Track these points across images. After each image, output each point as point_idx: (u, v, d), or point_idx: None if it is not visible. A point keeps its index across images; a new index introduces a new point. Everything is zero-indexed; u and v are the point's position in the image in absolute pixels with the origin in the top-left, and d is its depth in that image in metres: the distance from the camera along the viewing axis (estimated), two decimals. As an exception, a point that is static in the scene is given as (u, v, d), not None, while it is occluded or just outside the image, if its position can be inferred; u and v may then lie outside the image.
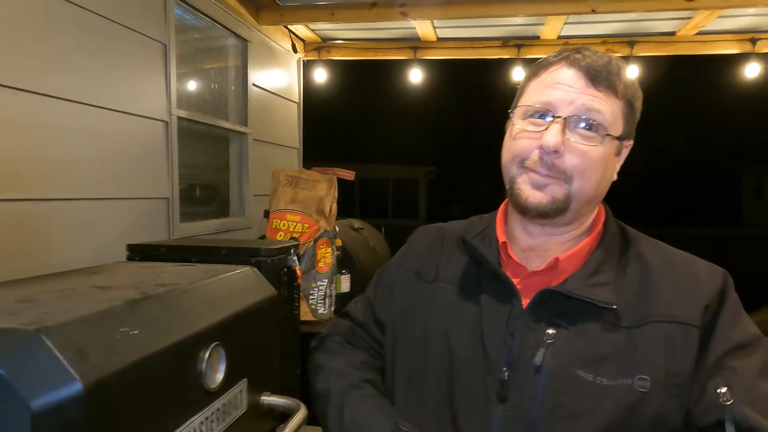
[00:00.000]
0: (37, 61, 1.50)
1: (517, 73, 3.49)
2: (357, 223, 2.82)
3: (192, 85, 2.53)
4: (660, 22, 3.12)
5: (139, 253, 1.53)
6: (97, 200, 1.75)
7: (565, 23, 3.11)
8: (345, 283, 2.27)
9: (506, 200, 0.86)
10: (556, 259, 0.76)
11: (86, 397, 0.58)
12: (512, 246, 0.81)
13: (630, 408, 0.68)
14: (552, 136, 0.72)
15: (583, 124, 0.73)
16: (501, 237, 0.82)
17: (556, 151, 0.72)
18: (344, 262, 2.29)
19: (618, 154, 0.78)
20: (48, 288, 0.88)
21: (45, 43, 1.53)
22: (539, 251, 0.79)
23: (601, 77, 0.73)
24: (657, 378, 0.69)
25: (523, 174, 0.76)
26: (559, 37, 3.36)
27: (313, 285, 2.05)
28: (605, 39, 3.35)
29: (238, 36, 2.78)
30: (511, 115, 0.80)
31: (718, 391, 0.67)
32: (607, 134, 0.74)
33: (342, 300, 2.21)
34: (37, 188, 1.51)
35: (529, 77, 0.80)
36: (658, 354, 0.69)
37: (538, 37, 3.39)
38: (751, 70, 3.31)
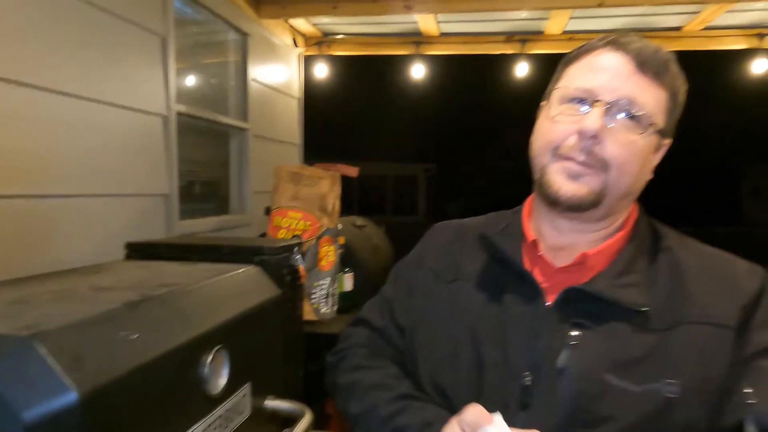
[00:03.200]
0: (32, 52, 1.45)
1: (521, 69, 3.44)
2: (359, 221, 2.78)
3: (191, 80, 2.49)
4: (667, 16, 3.08)
5: (138, 251, 1.49)
6: (94, 197, 1.70)
7: (571, 18, 3.07)
8: (348, 282, 2.24)
9: (531, 196, 0.82)
10: (584, 255, 0.72)
11: (82, 407, 0.55)
12: (540, 244, 0.77)
13: (655, 414, 0.64)
14: (593, 119, 0.67)
15: (625, 113, 0.69)
16: (530, 235, 0.77)
17: (595, 137, 0.68)
18: (347, 260, 2.25)
19: (657, 150, 0.74)
20: (44, 289, 0.85)
21: (40, 34, 1.48)
22: (568, 250, 0.75)
23: (649, 64, 0.69)
24: (688, 383, 0.65)
25: (557, 162, 0.71)
26: (564, 32, 3.32)
27: (315, 284, 2.01)
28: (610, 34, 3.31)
29: (237, 29, 2.73)
30: (545, 100, 0.76)
31: (744, 391, 0.64)
32: (650, 125, 0.69)
33: (346, 299, 2.17)
34: (31, 184, 1.46)
35: (569, 61, 0.76)
36: (691, 358, 0.65)
37: (542, 32, 3.34)
38: (759, 66, 3.27)
